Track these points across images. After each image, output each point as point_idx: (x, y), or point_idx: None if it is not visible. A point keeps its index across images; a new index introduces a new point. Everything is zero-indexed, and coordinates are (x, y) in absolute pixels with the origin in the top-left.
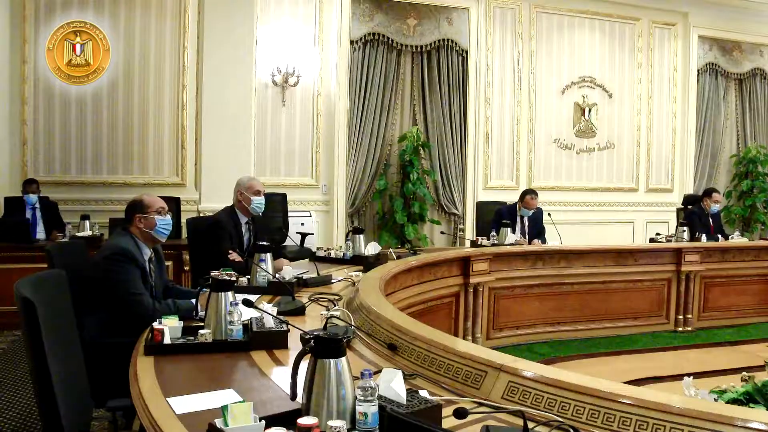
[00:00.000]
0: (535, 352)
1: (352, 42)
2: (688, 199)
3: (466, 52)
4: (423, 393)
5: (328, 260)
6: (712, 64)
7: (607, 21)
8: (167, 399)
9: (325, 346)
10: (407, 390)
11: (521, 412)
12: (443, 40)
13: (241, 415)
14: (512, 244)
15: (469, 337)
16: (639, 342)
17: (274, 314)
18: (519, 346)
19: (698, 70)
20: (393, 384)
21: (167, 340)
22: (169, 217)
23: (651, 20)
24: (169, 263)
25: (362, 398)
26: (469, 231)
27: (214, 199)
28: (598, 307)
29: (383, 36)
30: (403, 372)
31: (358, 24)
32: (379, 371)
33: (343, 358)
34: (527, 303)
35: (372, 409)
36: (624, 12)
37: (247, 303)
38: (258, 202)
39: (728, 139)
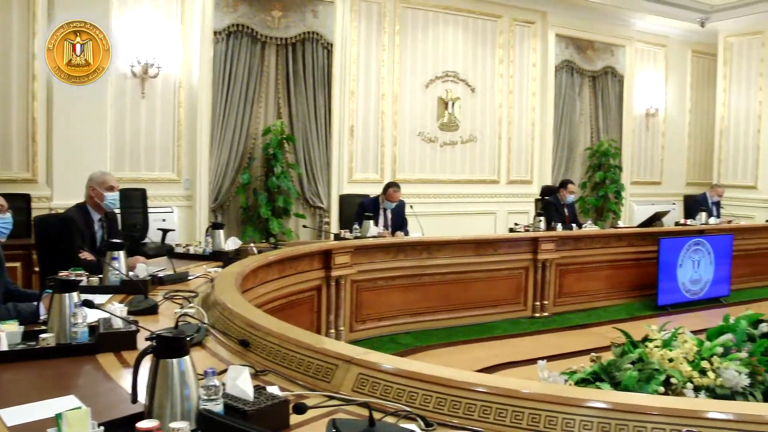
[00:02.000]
0: (398, 343)
1: (215, 33)
2: (545, 190)
3: (332, 45)
4: (272, 389)
5: (187, 257)
6: (569, 61)
7: (470, 17)
8: None
9: (168, 346)
10: (256, 387)
11: (367, 403)
12: (308, 32)
13: (76, 423)
14: (375, 237)
15: (332, 331)
16: (498, 329)
17: (124, 314)
18: (382, 338)
19: (556, 67)
20: (239, 381)
21: (4, 347)
22: (9, 215)
23: (512, 18)
24: (17, 265)
25: (206, 397)
26: (335, 224)
27: (68, 196)
28: (459, 296)
29: (247, 28)
30: (254, 368)
31: (222, 15)
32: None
33: (187, 357)
34: (390, 294)
35: (216, 408)
36: (486, 9)
37: (88, 304)
38: (111, 198)
39: (583, 133)
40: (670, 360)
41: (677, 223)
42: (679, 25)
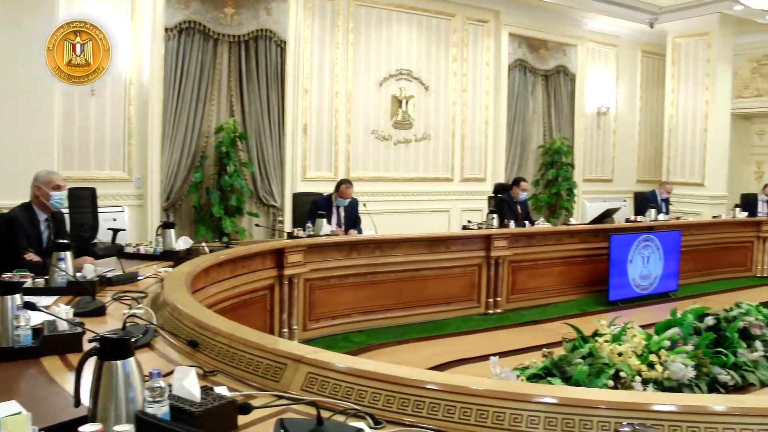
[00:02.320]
0: (352, 341)
1: (166, 30)
2: (498, 188)
3: (285, 43)
4: (220, 389)
5: (137, 257)
6: (521, 60)
7: (424, 16)
8: None
9: (112, 347)
10: (203, 387)
11: (314, 402)
12: (261, 30)
13: (16, 428)
14: (328, 235)
15: (286, 330)
16: (451, 326)
17: (70, 316)
18: (336, 336)
19: (509, 66)
20: (185, 382)
21: None
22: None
23: (465, 17)
24: None
25: (151, 399)
26: (288, 223)
27: (13, 196)
28: (413, 294)
29: (199, 24)
30: (203, 369)
31: (173, 11)
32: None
33: (132, 359)
34: (343, 293)
35: (162, 410)
36: (440, 8)
37: (29, 306)
38: (58, 198)
39: (536, 131)
40: (620, 354)
41: (628, 220)
42: (630, 25)
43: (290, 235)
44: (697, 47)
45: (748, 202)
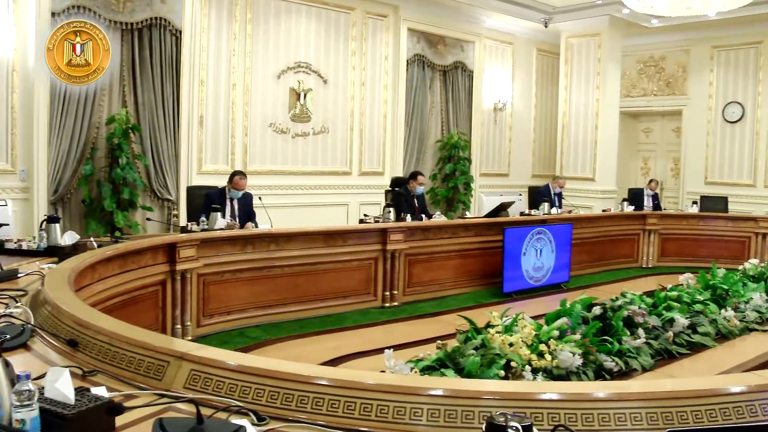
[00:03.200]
0: (247, 337)
1: (53, 14)
2: (394, 182)
3: (180, 33)
4: (98, 390)
5: (19, 252)
6: (420, 55)
7: (323, 9)
8: None
9: None
10: (79, 388)
11: (192, 400)
12: (155, 18)
13: None
14: (223, 229)
15: (179, 326)
16: (348, 319)
17: None
18: (231, 332)
19: (407, 61)
20: (58, 384)
21: None
22: None
23: (365, 11)
24: None
25: (18, 404)
26: (184, 217)
27: None
28: (309, 288)
29: (89, 10)
30: (82, 369)
31: None
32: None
33: None
34: (238, 288)
35: (31, 414)
36: (339, 2)
37: None
38: None
39: (434, 126)
40: (511, 345)
41: (522, 214)
42: (525, 24)
43: (183, 229)
44: (588, 47)
45: (635, 197)
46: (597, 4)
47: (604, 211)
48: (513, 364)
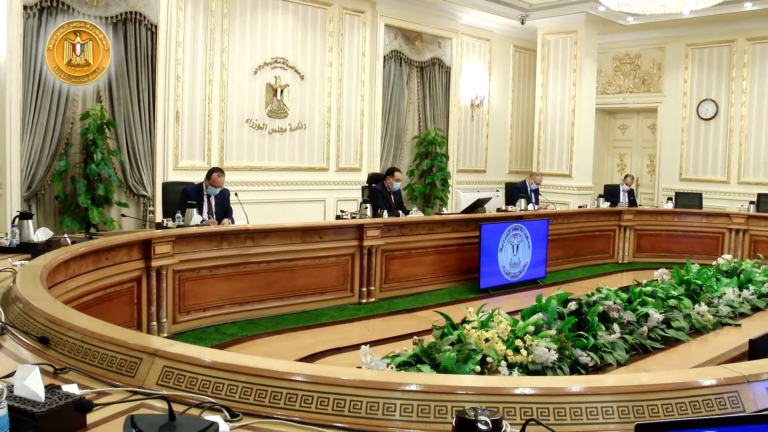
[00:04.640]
0: (224, 333)
1: (25, 8)
2: (371, 178)
3: (156, 27)
4: (69, 387)
5: None
6: (397, 51)
7: (300, 4)
8: None
9: None
10: (49, 386)
11: (165, 396)
12: (130, 12)
13: None
14: (199, 225)
15: (154, 323)
16: (325, 316)
17: None
18: (207, 329)
19: (384, 57)
20: (28, 382)
21: None
22: None
23: (342, 6)
24: None
25: None
26: (159, 213)
27: None
28: (286, 284)
29: (62, 3)
30: (54, 367)
31: None
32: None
33: None
34: (214, 284)
35: (0, 412)
36: None
37: None
38: None
39: (411, 122)
40: (486, 340)
41: (499, 210)
42: (502, 21)
43: (159, 226)
44: (565, 44)
45: (611, 193)
46: (573, 1)
47: (580, 207)
48: (489, 359)
